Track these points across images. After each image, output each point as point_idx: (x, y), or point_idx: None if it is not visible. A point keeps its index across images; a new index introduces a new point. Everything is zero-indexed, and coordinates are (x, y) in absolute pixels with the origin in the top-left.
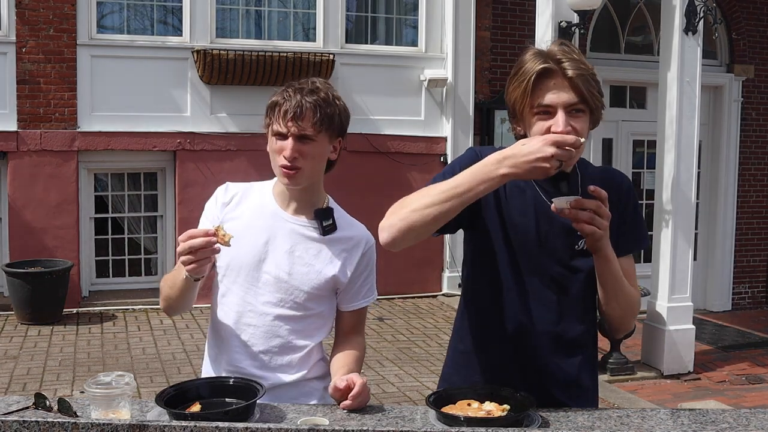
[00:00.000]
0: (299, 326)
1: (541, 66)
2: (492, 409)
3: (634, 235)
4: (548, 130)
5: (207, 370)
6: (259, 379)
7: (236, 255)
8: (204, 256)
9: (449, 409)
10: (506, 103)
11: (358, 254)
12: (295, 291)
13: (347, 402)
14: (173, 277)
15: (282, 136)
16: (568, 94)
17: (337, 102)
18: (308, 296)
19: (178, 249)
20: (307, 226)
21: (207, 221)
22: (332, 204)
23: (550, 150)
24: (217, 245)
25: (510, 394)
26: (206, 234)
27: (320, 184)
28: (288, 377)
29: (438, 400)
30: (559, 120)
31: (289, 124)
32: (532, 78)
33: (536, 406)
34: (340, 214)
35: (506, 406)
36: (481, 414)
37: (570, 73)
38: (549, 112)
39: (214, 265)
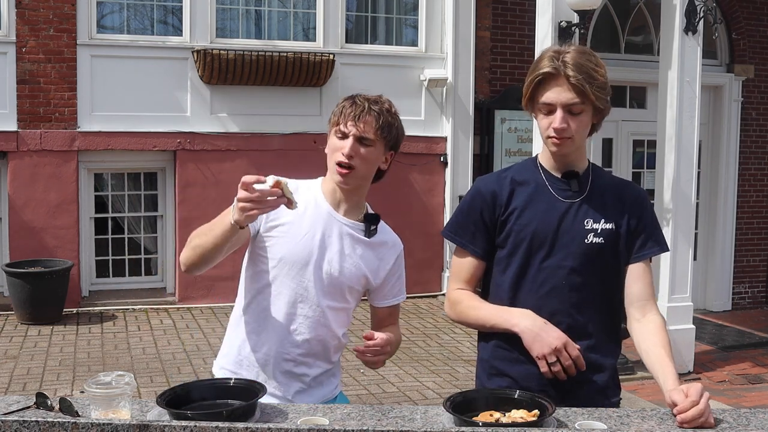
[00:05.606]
0: (340, 317)
1: (546, 69)
2: (522, 416)
3: (655, 238)
4: (549, 126)
5: (233, 361)
6: (303, 365)
7: (292, 249)
8: (267, 206)
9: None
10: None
11: (393, 258)
12: (342, 286)
13: (373, 341)
14: (212, 225)
15: (344, 136)
16: (568, 94)
17: (398, 117)
18: (350, 291)
19: (242, 195)
20: (356, 228)
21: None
22: (372, 210)
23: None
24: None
25: (530, 398)
26: (274, 186)
27: (366, 189)
28: (325, 365)
29: (456, 407)
30: (557, 117)
31: (352, 125)
32: (538, 77)
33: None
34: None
35: (536, 411)
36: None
37: (572, 80)
38: (550, 110)
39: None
